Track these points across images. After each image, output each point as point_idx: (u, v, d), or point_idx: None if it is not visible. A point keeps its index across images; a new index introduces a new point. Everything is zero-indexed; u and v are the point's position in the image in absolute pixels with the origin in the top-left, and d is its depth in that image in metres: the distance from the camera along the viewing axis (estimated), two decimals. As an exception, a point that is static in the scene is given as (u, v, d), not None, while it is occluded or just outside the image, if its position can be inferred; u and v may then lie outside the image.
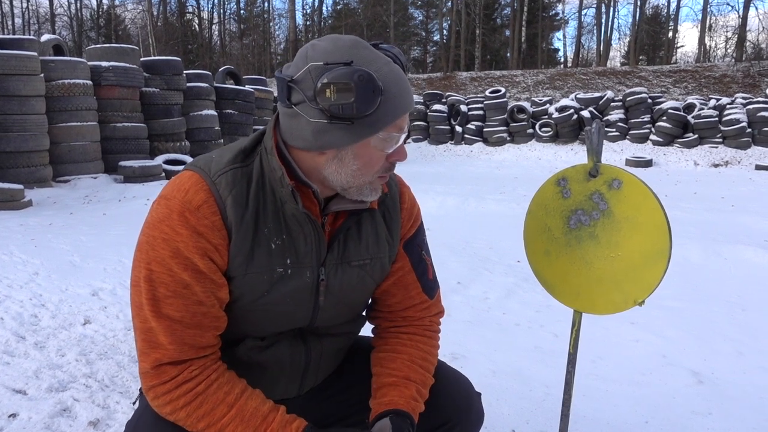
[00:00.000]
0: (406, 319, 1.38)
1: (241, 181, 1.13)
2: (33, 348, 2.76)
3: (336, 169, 1.12)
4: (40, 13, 40.96)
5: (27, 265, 4.40)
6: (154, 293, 1.08)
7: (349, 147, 1.09)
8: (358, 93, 1.01)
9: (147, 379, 1.09)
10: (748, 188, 10.34)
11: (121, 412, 2.17)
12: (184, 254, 1.09)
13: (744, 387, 2.52)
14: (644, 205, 1.48)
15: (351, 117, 1.03)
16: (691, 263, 4.65)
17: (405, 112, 1.10)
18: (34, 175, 8.78)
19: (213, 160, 1.16)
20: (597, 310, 1.61)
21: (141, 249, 1.12)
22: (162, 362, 1.08)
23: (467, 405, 1.37)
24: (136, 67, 10.73)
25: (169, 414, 1.09)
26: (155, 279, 1.09)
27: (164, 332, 1.08)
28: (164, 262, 1.09)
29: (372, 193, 1.16)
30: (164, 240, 1.09)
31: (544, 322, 3.25)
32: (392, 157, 1.13)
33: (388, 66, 1.08)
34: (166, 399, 1.08)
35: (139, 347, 1.11)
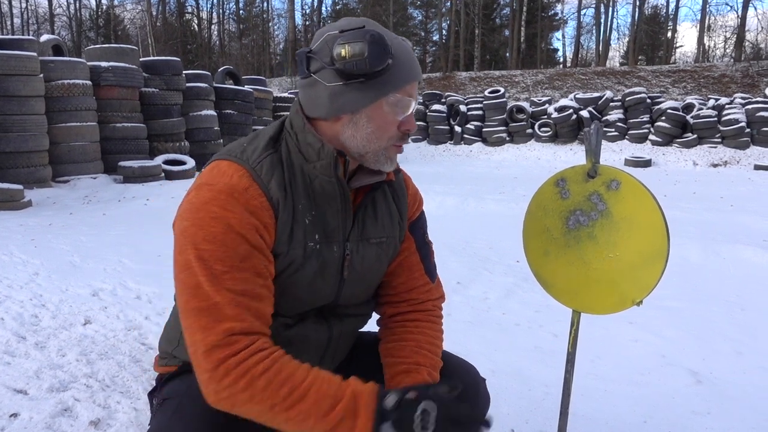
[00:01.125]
0: (410, 302, 1.42)
1: (277, 165, 1.19)
2: (34, 348, 2.76)
3: (352, 134, 1.19)
4: (39, 13, 41.00)
5: (27, 265, 4.40)
6: (210, 271, 1.08)
7: (363, 110, 1.17)
8: (371, 49, 1.09)
9: (216, 352, 1.04)
10: (747, 188, 10.36)
11: (122, 411, 2.17)
12: (237, 230, 1.11)
13: (743, 387, 2.52)
14: (642, 205, 1.49)
15: (364, 73, 1.11)
16: (691, 263, 4.66)
17: (414, 79, 1.19)
18: (33, 175, 8.78)
19: (245, 149, 1.21)
20: (595, 310, 1.62)
21: (186, 233, 1.12)
22: (234, 332, 1.06)
23: (475, 389, 1.42)
24: (135, 68, 10.73)
25: (246, 387, 1.03)
26: (208, 257, 1.09)
27: (230, 305, 1.07)
28: (216, 239, 1.10)
29: (387, 162, 1.23)
30: (214, 218, 1.11)
31: (543, 322, 3.26)
32: (403, 126, 1.20)
33: (397, 39, 1.19)
34: (243, 369, 1.03)
35: (200, 325, 1.06)
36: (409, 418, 1.00)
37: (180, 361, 1.34)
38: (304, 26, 42.32)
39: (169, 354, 1.38)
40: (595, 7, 35.96)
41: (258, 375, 1.03)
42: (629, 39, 34.09)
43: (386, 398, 1.03)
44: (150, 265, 4.44)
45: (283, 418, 1.03)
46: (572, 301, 1.66)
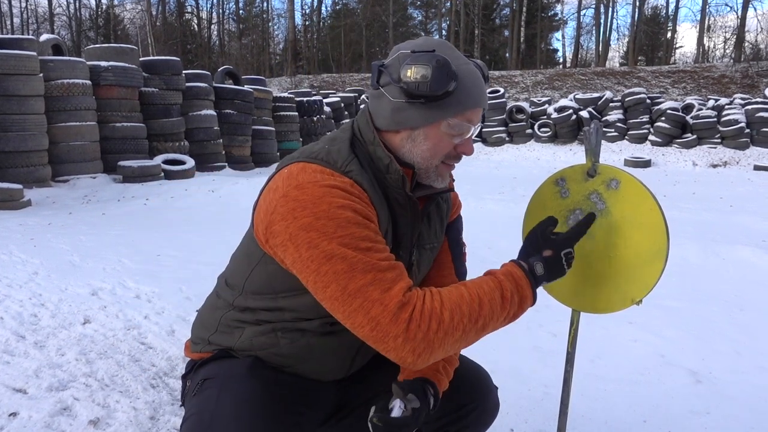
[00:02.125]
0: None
1: (362, 170, 1.24)
2: (33, 347, 2.76)
3: (410, 149, 1.25)
4: (39, 12, 40.98)
5: (26, 264, 4.40)
6: (359, 249, 1.11)
7: (421, 128, 1.22)
8: (434, 74, 1.14)
9: (402, 314, 1.08)
10: (746, 188, 10.37)
11: (121, 411, 2.17)
12: (363, 214, 1.15)
13: (742, 386, 2.53)
14: (642, 205, 1.48)
15: (425, 95, 1.17)
16: (690, 263, 4.66)
17: (477, 106, 1.23)
18: (33, 174, 8.77)
19: (330, 153, 1.23)
20: (595, 310, 1.62)
21: (313, 227, 1.11)
22: (404, 290, 1.10)
23: (486, 393, 1.50)
24: (135, 67, 10.72)
25: (438, 327, 1.09)
26: (350, 241, 1.11)
27: (388, 270, 1.11)
28: (351, 222, 1.12)
29: (438, 179, 1.30)
30: (340, 207, 1.13)
31: (542, 322, 3.25)
32: (460, 148, 1.27)
33: (467, 65, 1.23)
34: (427, 314, 1.09)
35: (374, 298, 1.08)
36: (557, 263, 1.27)
37: (215, 348, 1.37)
38: (304, 26, 42.36)
39: (204, 340, 1.40)
40: (595, 7, 36.00)
41: (440, 311, 1.10)
42: (629, 39, 34.14)
43: (534, 265, 1.26)
44: (149, 265, 4.44)
45: (474, 332, 1.13)
46: (572, 301, 1.65)
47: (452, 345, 1.11)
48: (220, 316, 1.38)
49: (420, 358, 1.09)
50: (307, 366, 1.35)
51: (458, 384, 1.44)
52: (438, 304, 1.10)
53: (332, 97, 18.63)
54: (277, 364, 1.32)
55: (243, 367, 1.28)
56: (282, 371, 1.33)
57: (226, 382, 1.24)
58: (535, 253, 1.28)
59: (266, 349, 1.32)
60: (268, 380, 1.26)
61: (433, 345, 1.09)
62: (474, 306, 1.12)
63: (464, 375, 1.47)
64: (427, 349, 1.09)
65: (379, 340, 1.09)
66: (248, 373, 1.26)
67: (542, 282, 1.24)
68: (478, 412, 1.46)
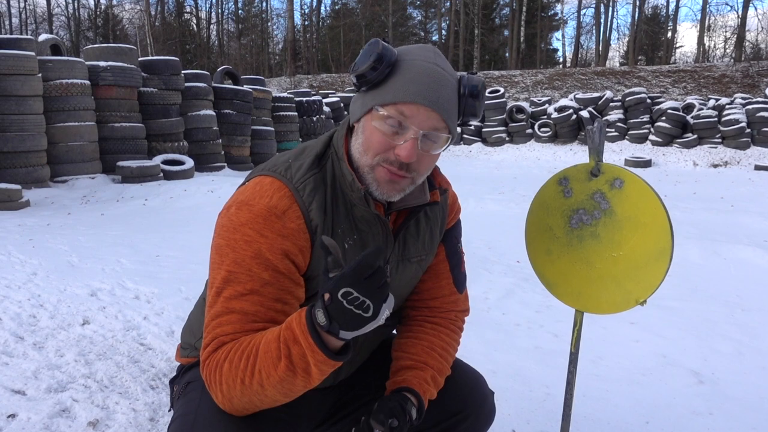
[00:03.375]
0: (432, 309, 1.43)
1: (320, 186, 1.19)
2: (32, 348, 2.74)
3: (354, 142, 1.21)
4: (38, 12, 40.95)
5: (25, 265, 4.39)
6: (232, 291, 1.12)
7: (362, 119, 1.18)
8: (362, 56, 1.13)
9: (204, 354, 1.12)
10: (747, 188, 10.35)
11: (121, 412, 2.16)
12: (266, 256, 1.12)
13: (744, 387, 2.51)
14: (646, 204, 1.47)
15: (356, 77, 1.14)
16: (691, 263, 4.65)
17: (412, 101, 1.11)
18: (31, 175, 8.76)
19: (290, 166, 1.20)
20: (599, 310, 1.61)
21: (220, 251, 1.16)
22: (224, 342, 1.10)
23: (481, 399, 1.43)
24: (134, 67, 10.70)
25: (219, 378, 1.08)
26: (234, 279, 1.12)
27: (236, 323, 1.10)
28: (244, 263, 1.12)
29: (374, 183, 1.18)
30: (247, 242, 1.13)
31: (543, 323, 3.24)
32: (397, 149, 1.14)
33: (426, 63, 1.14)
34: (213, 363, 1.09)
35: (206, 328, 1.14)
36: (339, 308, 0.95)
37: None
38: (303, 26, 42.32)
39: (191, 345, 1.40)
40: (595, 7, 36.01)
41: (222, 361, 1.07)
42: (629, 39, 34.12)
43: (316, 313, 0.98)
44: (148, 266, 4.42)
45: (257, 386, 1.03)
46: (575, 301, 1.64)
47: (240, 395, 1.06)
48: (204, 321, 1.38)
49: (224, 406, 1.11)
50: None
51: (452, 390, 1.40)
52: (224, 354, 1.07)
53: (331, 97, 18.60)
54: None
55: None
56: None
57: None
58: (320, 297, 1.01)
59: None
60: None
61: (225, 396, 1.08)
62: (252, 358, 1.03)
63: (458, 380, 1.42)
64: (225, 400, 1.09)
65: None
66: None
67: (337, 332, 0.96)
68: (473, 419, 1.42)
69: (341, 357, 1.00)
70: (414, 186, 1.21)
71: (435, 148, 1.16)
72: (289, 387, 1.03)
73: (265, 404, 1.08)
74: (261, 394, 1.04)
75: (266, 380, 1.02)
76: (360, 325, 0.96)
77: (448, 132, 1.16)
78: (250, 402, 1.07)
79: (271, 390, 1.03)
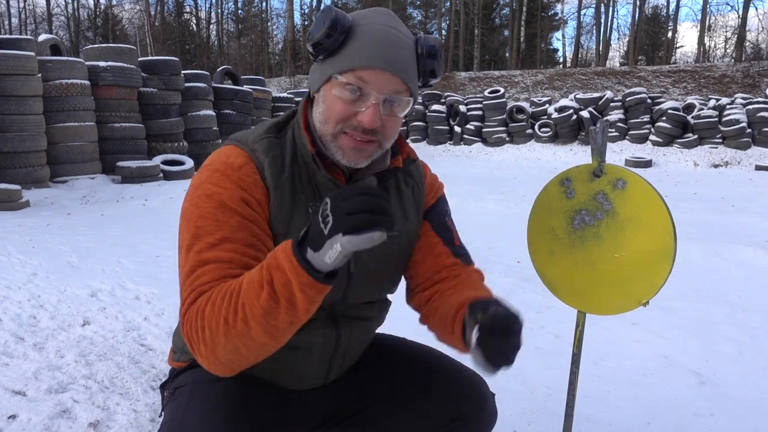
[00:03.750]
0: (443, 281, 1.35)
1: (276, 147, 1.20)
2: (32, 349, 2.74)
3: (314, 112, 1.19)
4: (37, 12, 40.92)
5: (25, 265, 4.38)
6: (203, 244, 1.10)
7: (321, 89, 1.17)
8: (316, 23, 1.11)
9: (183, 310, 1.08)
10: (748, 189, 10.33)
11: (121, 413, 2.15)
12: (229, 205, 1.12)
13: (746, 388, 2.51)
14: (649, 205, 1.47)
15: (312, 46, 1.12)
16: (692, 264, 4.64)
17: (369, 66, 1.10)
18: (31, 175, 8.76)
19: (249, 134, 1.23)
20: (601, 311, 1.60)
21: (186, 214, 1.16)
22: (203, 291, 1.06)
23: (482, 402, 1.39)
24: (133, 67, 10.71)
25: (201, 324, 1.02)
26: (203, 233, 1.11)
27: (213, 271, 1.07)
28: (210, 215, 1.12)
29: (338, 151, 1.17)
30: (208, 196, 1.13)
31: (544, 323, 3.23)
32: (359, 116, 1.13)
33: (381, 26, 1.13)
34: (193, 311, 1.05)
35: (182, 290, 1.10)
36: (315, 224, 0.94)
37: (190, 357, 1.34)
38: (303, 26, 42.30)
39: (180, 349, 1.39)
40: (595, 7, 35.91)
41: (204, 305, 1.02)
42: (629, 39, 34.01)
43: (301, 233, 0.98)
44: (148, 266, 4.42)
45: (241, 324, 0.98)
46: (578, 302, 1.63)
47: (228, 342, 0.99)
48: None
49: (208, 363, 1.04)
50: (281, 377, 1.32)
51: (452, 393, 1.37)
52: (204, 299, 1.02)
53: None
54: (251, 376, 1.29)
55: (212, 373, 1.24)
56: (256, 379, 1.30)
57: (195, 388, 1.22)
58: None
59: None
60: (238, 386, 1.22)
61: (204, 342, 1.01)
62: (234, 295, 0.99)
63: (458, 382, 1.39)
64: (209, 353, 1.02)
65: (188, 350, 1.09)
66: (217, 378, 1.21)
67: (306, 248, 0.95)
68: (474, 423, 1.38)
69: (328, 280, 0.95)
70: (382, 151, 1.20)
71: (398, 111, 1.16)
72: (273, 322, 0.97)
73: (252, 353, 1.02)
74: (246, 336, 0.98)
75: (249, 314, 0.97)
76: (318, 241, 0.93)
77: (409, 95, 1.17)
78: (235, 351, 1.01)
79: (256, 327, 0.97)
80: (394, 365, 1.44)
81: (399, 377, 1.41)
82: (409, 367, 1.43)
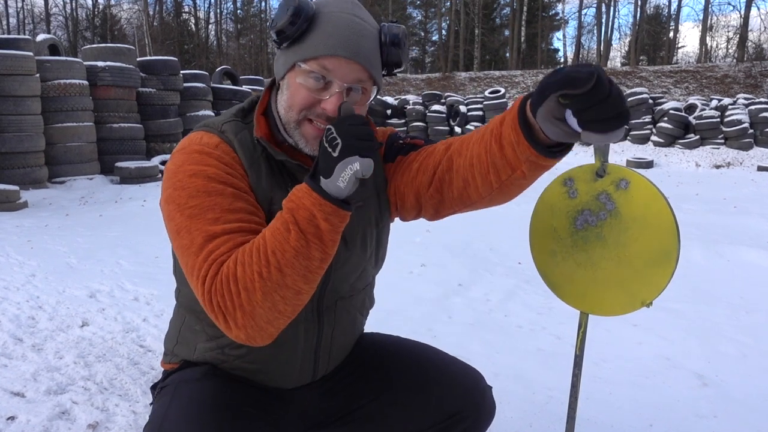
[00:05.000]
0: (437, 168, 1.26)
1: (243, 130, 1.20)
2: (31, 350, 2.73)
3: (279, 99, 1.19)
4: (35, 12, 40.88)
5: (23, 266, 4.37)
6: (203, 220, 1.06)
7: (285, 77, 1.16)
8: (278, 11, 1.10)
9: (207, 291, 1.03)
10: (750, 189, 10.27)
11: (121, 414, 2.15)
12: (217, 179, 1.10)
13: (749, 389, 2.50)
14: (652, 205, 1.46)
15: (276, 34, 1.12)
16: (694, 265, 4.62)
17: (332, 54, 1.10)
18: (29, 176, 8.74)
19: (215, 119, 1.23)
20: (604, 312, 1.59)
21: (170, 199, 1.11)
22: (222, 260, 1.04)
23: (480, 398, 1.40)
24: (132, 67, 10.69)
25: (236, 288, 1.00)
26: (198, 212, 1.07)
27: (225, 244, 1.04)
28: (200, 192, 1.08)
29: (301, 140, 1.17)
30: (192, 175, 1.10)
31: (546, 324, 3.22)
32: (323, 103, 1.13)
33: (345, 14, 1.13)
34: (231, 268, 1.02)
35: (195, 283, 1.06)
36: (322, 151, 1.03)
37: (180, 359, 1.35)
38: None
39: (171, 351, 1.39)
40: (597, 6, 35.90)
41: (233, 269, 1.00)
42: (631, 39, 33.94)
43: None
44: (147, 267, 4.41)
45: (276, 273, 0.99)
46: (580, 303, 1.62)
47: (266, 298, 0.99)
48: (179, 325, 1.37)
49: (247, 330, 1.01)
50: (266, 376, 1.31)
51: (448, 388, 1.37)
52: (233, 263, 1.01)
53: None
54: (237, 375, 1.29)
55: (198, 373, 1.26)
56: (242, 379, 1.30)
57: (179, 387, 1.22)
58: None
59: (220, 364, 1.29)
60: (222, 385, 1.22)
61: (247, 312, 0.99)
62: (261, 247, 1.00)
63: (454, 377, 1.39)
64: (247, 318, 1.00)
65: (222, 328, 1.04)
66: (201, 377, 1.24)
67: (318, 178, 1.02)
68: (473, 418, 1.38)
69: (347, 206, 1.02)
70: None
71: (362, 100, 1.16)
72: (305, 262, 1.00)
73: (289, 306, 1.02)
74: (282, 286, 0.99)
75: (282, 260, 0.98)
76: (330, 165, 1.00)
77: (373, 83, 1.17)
78: (273, 307, 1.00)
79: (291, 273, 0.99)
80: (388, 362, 1.44)
81: (394, 374, 1.41)
82: (404, 364, 1.43)
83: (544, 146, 1.01)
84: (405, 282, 4.04)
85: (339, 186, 1.00)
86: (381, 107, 18.52)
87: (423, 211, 1.32)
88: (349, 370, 1.44)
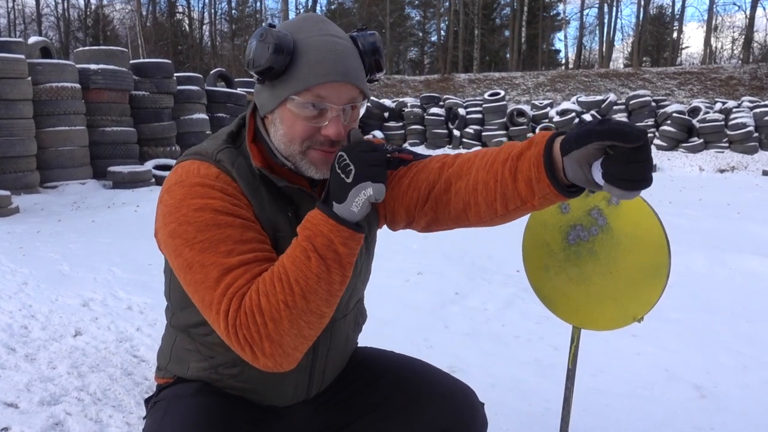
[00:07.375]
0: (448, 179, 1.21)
1: (238, 157, 1.18)
2: (24, 360, 2.72)
3: (274, 133, 1.18)
4: (26, 13, 40.67)
5: (15, 274, 4.33)
6: (217, 254, 1.05)
7: (276, 110, 1.15)
8: (257, 49, 1.08)
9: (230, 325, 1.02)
10: (754, 195, 10.18)
11: (114, 426, 2.14)
12: (224, 211, 1.09)
13: (748, 402, 2.49)
14: (643, 221, 1.49)
15: (258, 73, 1.10)
16: (695, 272, 4.54)
17: (323, 81, 1.10)
18: (21, 180, 8.66)
19: (204, 147, 1.20)
20: (596, 326, 1.62)
21: (175, 234, 1.09)
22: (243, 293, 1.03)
23: (470, 415, 1.39)
24: (125, 70, 10.63)
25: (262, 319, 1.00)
26: (209, 246, 1.06)
27: (243, 276, 1.04)
28: (209, 225, 1.07)
29: (310, 167, 1.17)
30: (198, 209, 1.08)
31: (543, 335, 3.21)
32: (324, 130, 1.13)
33: (322, 37, 1.12)
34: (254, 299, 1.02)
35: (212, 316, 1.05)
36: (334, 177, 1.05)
37: (173, 375, 1.35)
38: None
39: (164, 367, 1.39)
40: (599, 6, 35.76)
41: (256, 301, 1.01)
42: (633, 40, 33.51)
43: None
44: (141, 275, 4.38)
45: (300, 301, 1.01)
46: (572, 317, 1.65)
47: (293, 325, 1.01)
48: (171, 343, 1.36)
49: (275, 359, 1.02)
50: (260, 395, 1.30)
51: (441, 404, 1.37)
52: (255, 294, 1.01)
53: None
54: (231, 394, 1.29)
55: (191, 389, 1.26)
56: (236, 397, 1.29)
57: (172, 402, 1.22)
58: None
59: (214, 383, 1.29)
60: (216, 401, 1.22)
61: (275, 341, 1.00)
62: (282, 276, 1.01)
63: (446, 393, 1.39)
64: (275, 347, 1.01)
65: (248, 359, 1.04)
66: (195, 393, 1.23)
67: (331, 203, 1.05)
68: None
69: (360, 229, 1.05)
70: None
71: (356, 115, 1.18)
72: (327, 287, 1.02)
73: (313, 330, 1.04)
74: (307, 312, 1.01)
75: (306, 287, 1.00)
76: (343, 191, 1.03)
77: (363, 97, 1.18)
78: (299, 334, 1.02)
79: (314, 299, 1.01)
80: (380, 378, 1.44)
81: (386, 390, 1.41)
82: (397, 380, 1.43)
83: (563, 186, 1.01)
84: (401, 290, 4.03)
85: (353, 211, 1.03)
86: (378, 110, 18.44)
87: (414, 224, 1.31)
88: (342, 386, 1.44)
